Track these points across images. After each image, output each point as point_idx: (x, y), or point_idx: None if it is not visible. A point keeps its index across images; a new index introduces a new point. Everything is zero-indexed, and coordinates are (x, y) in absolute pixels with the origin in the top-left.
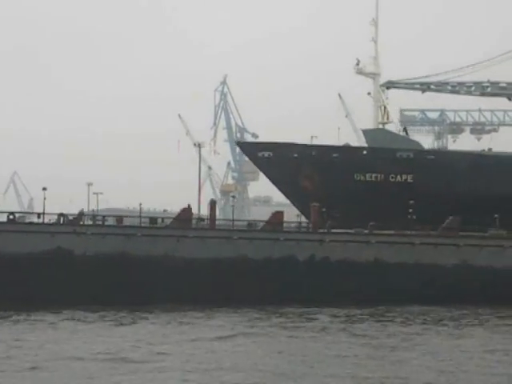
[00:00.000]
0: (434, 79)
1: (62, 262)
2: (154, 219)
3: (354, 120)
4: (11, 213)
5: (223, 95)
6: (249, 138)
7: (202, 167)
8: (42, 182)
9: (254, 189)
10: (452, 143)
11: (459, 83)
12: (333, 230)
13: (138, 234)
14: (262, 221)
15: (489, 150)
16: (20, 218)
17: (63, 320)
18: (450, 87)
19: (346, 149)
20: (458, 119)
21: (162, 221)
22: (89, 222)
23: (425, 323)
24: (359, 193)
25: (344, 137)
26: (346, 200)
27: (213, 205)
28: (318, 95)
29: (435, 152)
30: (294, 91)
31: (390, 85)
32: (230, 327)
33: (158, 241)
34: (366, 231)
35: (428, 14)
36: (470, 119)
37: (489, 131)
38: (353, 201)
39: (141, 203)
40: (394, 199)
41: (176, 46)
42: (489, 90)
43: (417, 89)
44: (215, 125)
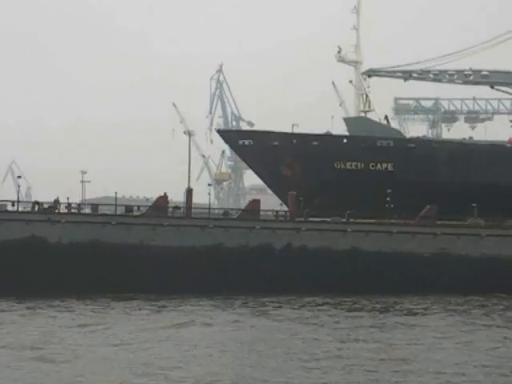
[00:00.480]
0: (416, 67)
1: (36, 250)
2: (129, 207)
3: (347, 108)
4: None
5: (219, 83)
6: (244, 127)
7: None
8: (40, 171)
9: (249, 177)
10: (446, 132)
11: (441, 71)
12: (310, 219)
13: (113, 222)
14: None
15: (469, 138)
16: (1, 207)
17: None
18: (432, 75)
19: (326, 137)
20: (452, 108)
21: (138, 209)
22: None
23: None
24: (340, 181)
25: (339, 125)
26: (326, 188)
27: (189, 193)
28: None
29: (415, 140)
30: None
31: (371, 73)
32: (191, 316)
33: (133, 229)
34: (343, 220)
35: (411, 4)
36: (464, 108)
37: (483, 120)
38: (333, 189)
39: (116, 192)
40: (375, 188)
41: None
42: (471, 78)
43: (399, 77)
44: (211, 113)
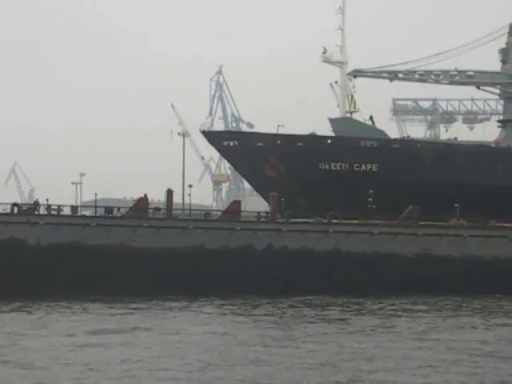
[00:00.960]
0: (401, 68)
1: (15, 251)
2: (109, 209)
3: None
4: None
5: (219, 85)
6: (244, 128)
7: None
8: (43, 173)
9: None
10: (444, 132)
11: (426, 72)
12: (291, 220)
13: (93, 223)
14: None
15: (454, 139)
16: None
17: None
18: (417, 76)
19: (310, 138)
20: (450, 108)
21: (119, 210)
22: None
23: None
24: (324, 182)
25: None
26: (311, 189)
27: (169, 194)
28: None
29: (400, 141)
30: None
31: (356, 73)
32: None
33: (113, 231)
34: (325, 220)
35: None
36: (462, 108)
37: (481, 120)
38: (318, 190)
39: (96, 193)
40: (359, 188)
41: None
42: (457, 78)
43: (384, 77)
44: (211, 115)
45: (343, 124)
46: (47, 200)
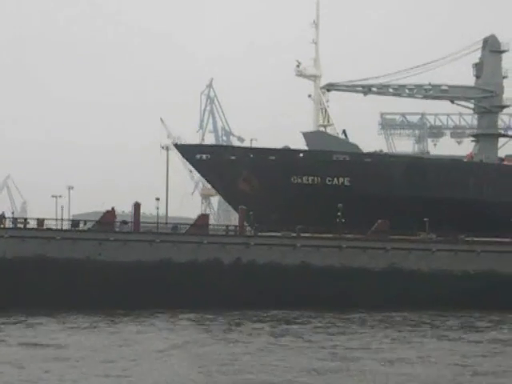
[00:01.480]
0: (375, 81)
1: None
2: (75, 222)
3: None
4: None
5: (209, 99)
6: (235, 142)
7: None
8: (35, 187)
9: None
10: (433, 147)
11: (401, 86)
12: (259, 234)
13: (58, 237)
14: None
15: (426, 153)
16: None
17: None
18: (391, 90)
19: (283, 151)
20: (438, 123)
21: (85, 223)
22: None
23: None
24: (296, 196)
25: None
26: (283, 203)
27: (137, 207)
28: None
29: (372, 155)
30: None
31: (330, 87)
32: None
33: (79, 244)
34: (294, 234)
35: (371, 19)
36: (450, 123)
37: (469, 135)
38: (290, 204)
39: (62, 206)
40: (331, 202)
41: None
42: (431, 92)
43: (358, 91)
44: (201, 128)
45: (316, 138)
46: (12, 213)
